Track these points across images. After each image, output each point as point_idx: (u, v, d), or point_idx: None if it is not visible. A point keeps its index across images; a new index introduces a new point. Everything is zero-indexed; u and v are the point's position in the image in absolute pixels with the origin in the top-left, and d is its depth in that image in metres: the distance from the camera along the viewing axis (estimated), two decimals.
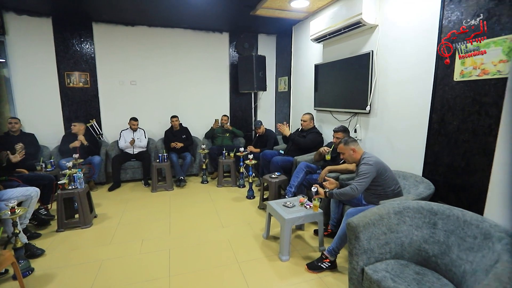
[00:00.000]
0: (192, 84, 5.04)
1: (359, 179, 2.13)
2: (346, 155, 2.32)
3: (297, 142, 3.59)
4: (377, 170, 2.14)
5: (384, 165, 2.21)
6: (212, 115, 5.16)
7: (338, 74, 3.46)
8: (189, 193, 3.94)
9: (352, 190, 2.11)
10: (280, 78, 5.24)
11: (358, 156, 2.29)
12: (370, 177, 2.13)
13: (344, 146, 2.31)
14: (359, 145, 2.34)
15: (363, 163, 2.18)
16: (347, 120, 3.39)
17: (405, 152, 2.59)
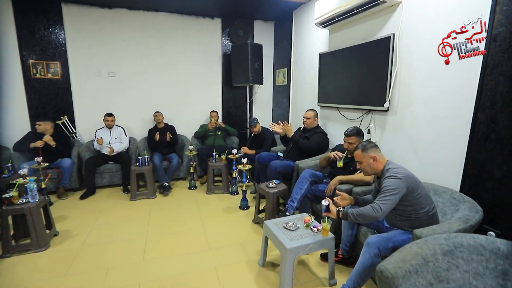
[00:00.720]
0: (180, 76, 4.48)
1: (384, 197, 1.63)
2: (365, 165, 1.81)
3: (301, 145, 3.07)
4: (407, 186, 1.64)
5: (416, 179, 1.71)
6: (202, 112, 4.62)
7: (348, 64, 2.93)
8: (173, 202, 3.41)
9: (374, 211, 1.61)
10: (279, 70, 4.69)
11: (380, 166, 1.78)
12: (398, 194, 1.63)
13: (361, 153, 1.80)
14: (381, 152, 1.83)
15: (389, 176, 1.67)
16: (358, 118, 2.87)
17: (435, 160, 2.09)
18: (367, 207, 1.66)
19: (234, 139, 4.46)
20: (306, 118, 3.26)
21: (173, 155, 3.96)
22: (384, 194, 1.64)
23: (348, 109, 3.03)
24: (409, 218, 1.71)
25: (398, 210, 1.73)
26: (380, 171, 1.80)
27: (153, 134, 4.02)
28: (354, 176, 2.25)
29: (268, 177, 3.08)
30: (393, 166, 1.73)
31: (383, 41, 2.42)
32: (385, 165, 1.78)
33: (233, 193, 3.65)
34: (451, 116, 1.94)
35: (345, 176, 2.30)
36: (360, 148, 1.83)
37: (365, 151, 1.80)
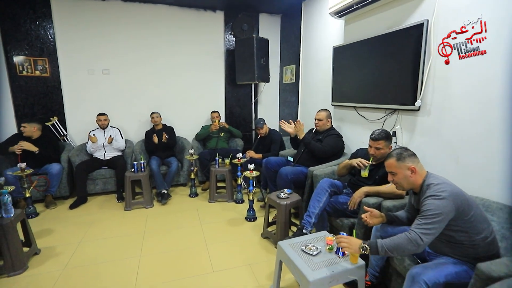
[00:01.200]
0: (179, 74, 4.15)
1: (425, 224, 1.30)
2: (399, 177, 1.47)
3: (313, 148, 2.73)
4: (456, 208, 1.30)
5: (467, 196, 1.37)
6: (204, 112, 4.30)
7: (368, 58, 2.59)
8: (172, 212, 3.08)
9: (412, 243, 1.28)
10: (286, 67, 4.36)
11: (418, 180, 1.45)
12: (444, 221, 1.30)
13: (397, 163, 1.47)
14: (420, 162, 1.49)
15: (431, 196, 1.33)
16: (381, 119, 2.53)
17: (483, 169, 1.74)
18: (401, 236, 1.32)
19: (238, 142, 4.13)
20: (318, 120, 2.92)
21: (172, 159, 3.63)
22: (425, 220, 1.30)
23: (368, 109, 2.69)
24: (461, 245, 1.37)
25: (446, 236, 1.39)
26: (419, 186, 1.46)
27: (150, 136, 3.69)
28: (383, 188, 1.90)
29: (278, 186, 2.75)
30: (435, 180, 1.39)
31: (414, 30, 2.08)
32: (424, 178, 1.44)
33: (238, 202, 3.31)
34: (506, 116, 1.60)
35: (373, 188, 1.95)
36: (395, 156, 1.49)
37: (402, 160, 1.46)
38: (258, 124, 3.48)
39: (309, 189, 2.67)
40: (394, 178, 1.51)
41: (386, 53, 2.38)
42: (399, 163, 1.47)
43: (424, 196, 1.37)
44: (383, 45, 2.40)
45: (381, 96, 2.48)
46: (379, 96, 2.49)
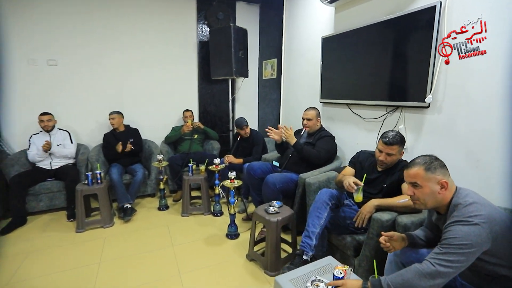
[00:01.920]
0: (145, 68, 3.60)
1: (446, 253, 1.01)
2: (425, 192, 1.15)
3: (307, 154, 2.37)
4: (493, 237, 1.01)
5: (504, 217, 1.07)
6: (174, 111, 3.78)
7: (364, 49, 2.29)
8: (137, 231, 2.56)
9: (425, 279, 1.01)
10: (266, 61, 3.98)
11: (447, 197, 1.14)
12: (474, 253, 1.00)
13: (425, 174, 1.15)
14: (449, 173, 1.18)
15: (460, 222, 1.03)
16: (380, 118, 2.24)
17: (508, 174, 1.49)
18: (411, 269, 1.04)
19: (214, 144, 3.67)
20: (307, 120, 2.57)
21: (138, 166, 3.09)
22: (448, 249, 1.01)
23: (364, 106, 2.39)
24: (500, 279, 1.08)
25: (481, 268, 1.09)
26: (445, 206, 1.15)
27: (110, 140, 3.12)
28: (398, 201, 1.58)
29: (264, 196, 2.35)
30: (466, 199, 1.08)
31: (423, 14, 1.80)
32: (453, 195, 1.13)
33: (216, 214, 2.86)
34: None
35: (385, 200, 1.62)
36: (423, 165, 1.16)
37: (432, 171, 1.14)
38: (240, 124, 3.05)
39: (300, 199, 2.31)
40: (416, 192, 1.18)
41: (387, 43, 2.09)
42: (428, 175, 1.14)
43: (451, 221, 1.06)
44: (383, 33, 2.10)
45: (380, 92, 2.18)
46: (378, 92, 2.20)
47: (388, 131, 1.75)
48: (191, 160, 2.97)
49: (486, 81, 1.55)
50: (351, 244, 1.77)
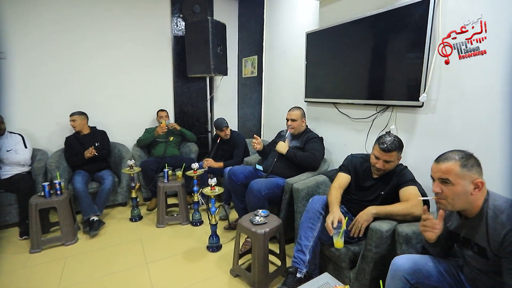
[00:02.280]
0: (114, 64, 3.26)
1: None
2: (457, 191, 1.03)
3: (301, 160, 2.22)
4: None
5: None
6: (147, 111, 3.48)
7: (352, 44, 2.17)
8: (105, 247, 2.26)
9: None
10: (246, 58, 3.78)
11: (479, 200, 1.04)
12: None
13: (461, 171, 1.03)
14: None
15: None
16: (369, 118, 2.13)
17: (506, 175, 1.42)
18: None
19: (191, 147, 3.41)
20: (292, 120, 2.41)
21: (106, 173, 2.77)
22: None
23: (352, 106, 2.27)
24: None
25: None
26: (476, 209, 1.04)
27: (73, 144, 2.77)
28: (397, 208, 1.45)
29: (249, 204, 2.16)
30: (503, 204, 0.98)
31: (417, 7, 1.69)
32: (486, 197, 1.04)
33: (196, 224, 2.63)
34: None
35: (383, 208, 1.48)
36: (459, 160, 1.04)
37: (468, 169, 1.02)
38: (220, 125, 2.83)
39: (287, 206, 2.15)
40: (446, 190, 1.05)
41: (376, 39, 1.97)
42: (463, 172, 1.02)
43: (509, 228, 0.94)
44: (373, 29, 1.99)
45: (370, 90, 2.07)
46: (368, 91, 2.09)
47: (384, 135, 1.61)
48: (166, 165, 2.70)
49: (486, 80, 1.47)
50: (346, 255, 1.62)
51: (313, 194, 2.01)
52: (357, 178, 1.68)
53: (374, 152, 1.58)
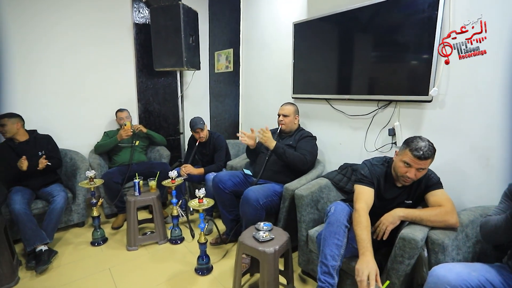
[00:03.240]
0: (61, 55, 2.67)
1: None
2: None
3: (290, 160, 1.97)
4: None
5: None
6: (105, 112, 2.95)
7: (349, 35, 2.02)
8: (58, 285, 1.77)
9: None
10: (219, 52, 3.45)
11: None
12: None
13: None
14: None
15: None
16: (370, 114, 2.00)
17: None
18: None
19: (162, 151, 2.97)
20: (283, 116, 2.19)
21: (55, 188, 2.22)
22: None
23: (349, 102, 2.12)
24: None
25: None
26: None
27: (6, 154, 2.17)
28: (430, 213, 1.29)
29: (245, 216, 1.88)
30: None
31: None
32: None
33: (175, 242, 2.24)
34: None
35: (413, 211, 1.31)
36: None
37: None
38: (196, 125, 2.48)
39: (286, 214, 1.92)
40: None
41: (378, 29, 1.84)
42: None
43: None
44: (375, 17, 1.85)
45: (370, 85, 1.94)
46: (367, 85, 1.95)
47: (416, 139, 1.34)
48: (137, 175, 2.26)
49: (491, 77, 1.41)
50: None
51: (318, 200, 1.81)
52: (378, 188, 1.48)
53: (405, 158, 1.33)
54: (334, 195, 1.91)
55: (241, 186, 2.13)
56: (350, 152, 2.18)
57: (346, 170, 1.97)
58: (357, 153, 2.12)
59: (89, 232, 2.32)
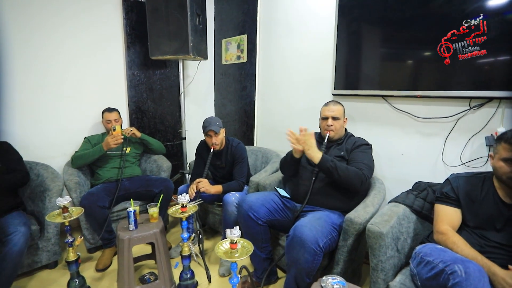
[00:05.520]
0: (31, 46, 1.99)
1: None
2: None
3: (345, 177, 1.43)
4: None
5: None
6: (86, 113, 2.30)
7: (429, 10, 1.49)
8: None
9: None
10: (228, 39, 2.85)
11: None
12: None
13: None
14: None
15: None
16: (455, 116, 1.49)
17: None
18: None
19: (160, 161, 2.35)
20: (333, 118, 1.64)
21: (12, 220, 1.55)
22: None
23: (420, 99, 1.60)
24: None
25: None
26: None
27: None
28: None
29: (296, 264, 1.31)
30: None
31: None
32: None
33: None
34: None
35: None
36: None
37: None
38: (210, 126, 1.87)
39: (347, 256, 1.38)
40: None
41: None
42: None
43: None
44: None
45: (458, 77, 1.42)
46: (454, 77, 1.44)
47: (508, 131, 1.08)
48: (132, 201, 1.63)
49: None
50: None
51: (398, 238, 1.28)
52: (474, 208, 1.10)
53: (504, 154, 1.05)
54: (414, 228, 1.39)
55: (279, 214, 1.57)
56: (418, 165, 1.67)
57: (426, 192, 1.45)
58: (429, 167, 1.62)
59: (63, 277, 1.69)
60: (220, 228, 2.11)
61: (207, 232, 2.28)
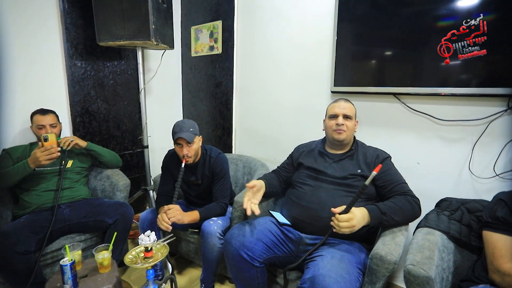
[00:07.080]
0: None
1: None
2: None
3: (402, 218, 1.12)
4: None
5: None
6: (7, 118, 1.69)
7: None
8: None
9: None
10: (198, 26, 2.39)
11: None
12: None
13: None
14: None
15: None
16: (487, 118, 1.24)
17: None
18: None
19: (114, 177, 1.82)
20: (345, 117, 1.30)
21: None
22: None
23: (442, 98, 1.33)
24: None
25: None
26: None
27: None
28: None
29: None
30: None
31: None
32: None
33: None
34: None
35: None
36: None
37: None
38: (180, 132, 1.42)
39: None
40: None
41: None
42: None
43: None
44: None
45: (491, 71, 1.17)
46: (485, 72, 1.18)
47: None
48: (67, 247, 1.12)
49: None
50: None
51: (442, 278, 0.98)
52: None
53: None
54: (454, 261, 1.10)
55: (279, 249, 1.20)
56: (438, 176, 1.40)
57: (460, 212, 1.17)
58: (453, 179, 1.36)
59: None
60: (196, 259, 1.68)
61: (180, 263, 1.82)
